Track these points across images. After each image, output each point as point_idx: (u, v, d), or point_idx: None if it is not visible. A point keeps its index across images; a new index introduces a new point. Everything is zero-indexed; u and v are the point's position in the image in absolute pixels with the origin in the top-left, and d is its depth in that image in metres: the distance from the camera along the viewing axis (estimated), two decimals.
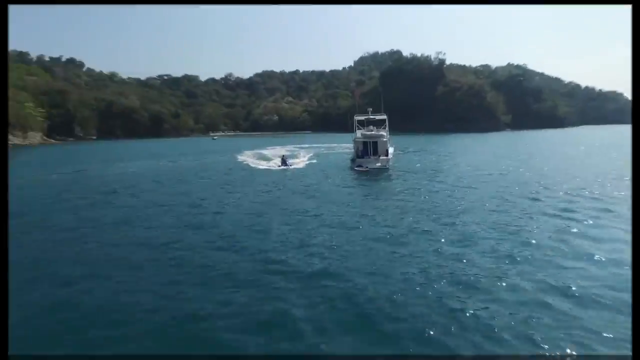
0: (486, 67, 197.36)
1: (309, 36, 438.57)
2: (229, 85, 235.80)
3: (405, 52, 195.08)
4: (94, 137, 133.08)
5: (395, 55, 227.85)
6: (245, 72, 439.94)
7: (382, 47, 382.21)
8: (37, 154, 65.98)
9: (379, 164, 33.53)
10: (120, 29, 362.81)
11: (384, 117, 39.20)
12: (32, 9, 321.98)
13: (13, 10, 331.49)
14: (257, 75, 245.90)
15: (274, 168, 35.90)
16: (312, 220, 16.14)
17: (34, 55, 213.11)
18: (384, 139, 35.95)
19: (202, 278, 10.32)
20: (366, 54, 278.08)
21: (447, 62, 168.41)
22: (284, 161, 36.83)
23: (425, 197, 20.79)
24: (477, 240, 13.10)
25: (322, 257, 11.71)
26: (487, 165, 36.25)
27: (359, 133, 37.42)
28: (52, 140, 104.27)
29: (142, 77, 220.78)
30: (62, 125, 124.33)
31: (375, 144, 35.85)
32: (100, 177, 32.00)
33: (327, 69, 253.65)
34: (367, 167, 32.71)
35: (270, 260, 11.55)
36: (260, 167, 37.43)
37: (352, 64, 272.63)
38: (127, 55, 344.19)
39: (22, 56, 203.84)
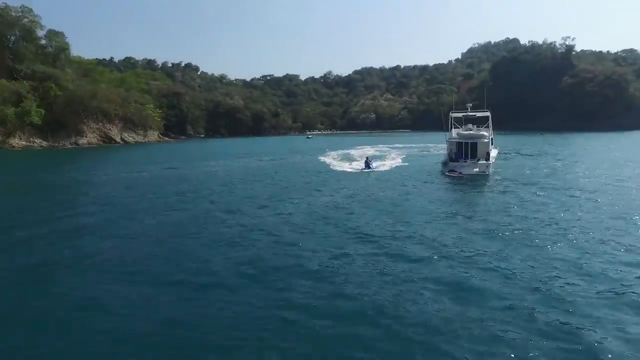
0: (631, 52, 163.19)
1: (412, 28, 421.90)
2: (328, 83, 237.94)
3: (524, 40, 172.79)
4: (202, 135, 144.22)
5: (511, 44, 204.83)
6: (344, 69, 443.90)
7: (496, 37, 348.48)
8: (147, 150, 71.91)
9: (477, 170, 27.20)
10: (230, 34, 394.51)
11: (487, 113, 32.25)
12: (159, 21, 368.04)
13: (145, 22, 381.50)
14: (355, 72, 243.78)
15: (354, 171, 32.26)
16: (371, 243, 12.65)
17: (159, 62, 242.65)
18: (485, 140, 29.32)
19: (201, 330, 7.72)
20: (476, 45, 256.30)
21: (577, 49, 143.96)
22: (367, 163, 32.77)
23: (530, 219, 15.33)
24: (604, 302, 8.22)
25: (361, 302, 8.47)
26: (630, 173, 27.40)
27: (454, 132, 31.33)
28: (166, 138, 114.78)
29: (248, 78, 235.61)
30: (176, 125, 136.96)
31: (473, 145, 29.57)
32: (182, 175, 32.32)
33: (431, 63, 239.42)
34: (460, 173, 26.75)
35: (292, 303, 8.62)
36: (341, 169, 34.25)
37: (460, 57, 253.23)
38: (235, 58, 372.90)
39: (150, 63, 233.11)
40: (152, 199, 21.70)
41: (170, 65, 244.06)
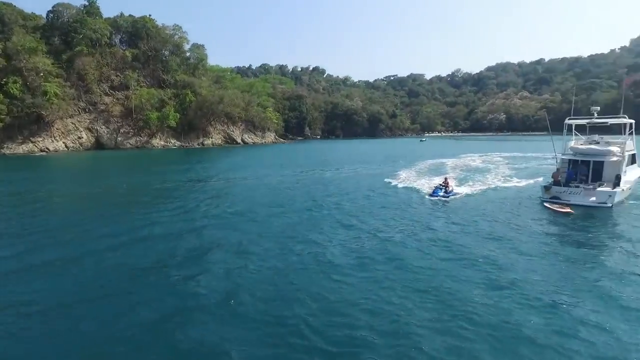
0: None
1: (562, 13, 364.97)
2: (455, 82, 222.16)
3: None
4: (318, 137, 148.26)
5: None
6: (475, 66, 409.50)
7: None
8: (247, 152, 75.36)
9: (595, 200, 20.25)
10: (357, 36, 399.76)
11: (625, 120, 24.02)
12: (295, 31, 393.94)
13: (280, 30, 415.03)
14: (488, 69, 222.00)
15: (420, 194, 24.27)
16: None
17: (290, 67, 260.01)
18: (614, 158, 21.85)
19: None
20: None
21: None
22: (438, 188, 23.87)
23: None
24: None
25: None
26: None
27: (570, 145, 24.46)
28: (281, 140, 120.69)
29: (371, 79, 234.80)
30: (296, 126, 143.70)
31: (597, 165, 22.55)
32: (223, 190, 28.99)
33: (585, 54, 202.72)
34: (567, 203, 20.18)
35: None
36: (403, 187, 27.37)
37: (628, 44, 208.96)
38: (362, 60, 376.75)
39: (282, 68, 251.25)
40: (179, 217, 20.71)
41: (299, 69, 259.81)
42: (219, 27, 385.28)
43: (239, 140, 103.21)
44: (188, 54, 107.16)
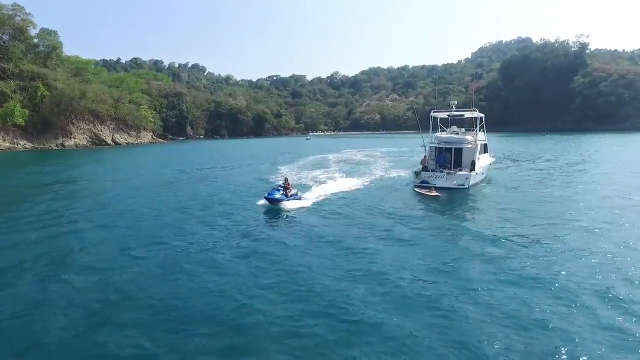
0: None
1: (423, 27, 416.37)
2: (334, 84, 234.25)
3: (536, 39, 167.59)
4: (202, 136, 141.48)
5: (523, 43, 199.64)
6: (352, 70, 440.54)
7: (508, 36, 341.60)
8: (121, 154, 68.31)
9: (455, 182, 22.80)
10: (239, 35, 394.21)
11: (476, 114, 27.73)
12: (169, 22, 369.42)
13: (154, 23, 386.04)
14: (362, 72, 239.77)
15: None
16: None
17: (167, 62, 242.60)
18: (469, 145, 25.03)
19: None
20: (487, 45, 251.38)
21: (592, 47, 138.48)
22: (280, 188, 18.63)
23: (512, 273, 9.99)
24: None
25: None
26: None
27: (435, 135, 27.26)
28: (160, 140, 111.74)
29: (254, 79, 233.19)
30: (176, 125, 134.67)
31: (457, 151, 25.51)
32: (94, 194, 25.95)
33: (440, 63, 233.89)
34: (434, 187, 22.19)
35: None
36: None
37: (470, 56, 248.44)
38: (244, 59, 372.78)
39: (157, 64, 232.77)
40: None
41: (177, 66, 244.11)
42: (79, 13, 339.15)
43: (109, 141, 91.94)
44: (36, 40, 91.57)
